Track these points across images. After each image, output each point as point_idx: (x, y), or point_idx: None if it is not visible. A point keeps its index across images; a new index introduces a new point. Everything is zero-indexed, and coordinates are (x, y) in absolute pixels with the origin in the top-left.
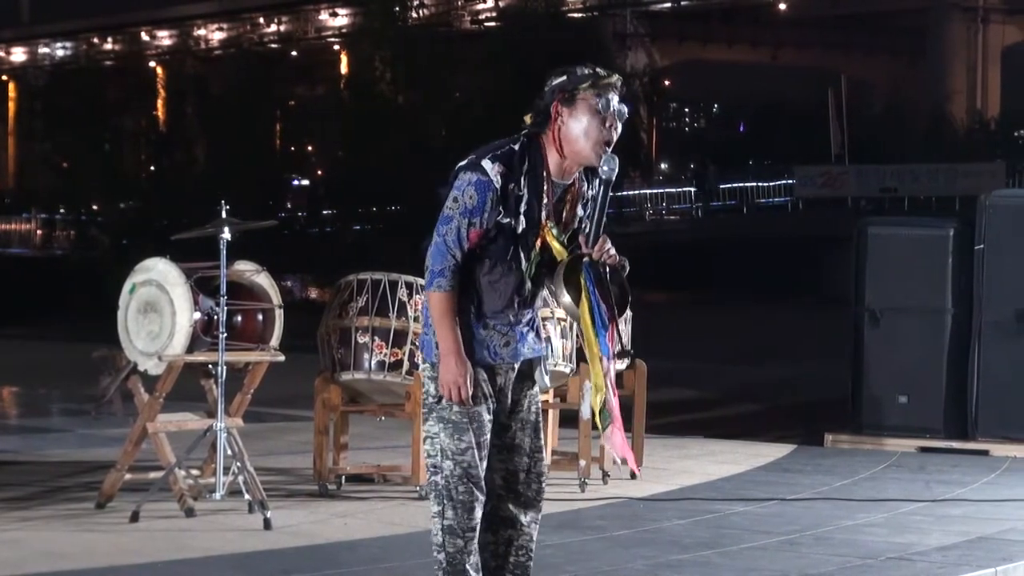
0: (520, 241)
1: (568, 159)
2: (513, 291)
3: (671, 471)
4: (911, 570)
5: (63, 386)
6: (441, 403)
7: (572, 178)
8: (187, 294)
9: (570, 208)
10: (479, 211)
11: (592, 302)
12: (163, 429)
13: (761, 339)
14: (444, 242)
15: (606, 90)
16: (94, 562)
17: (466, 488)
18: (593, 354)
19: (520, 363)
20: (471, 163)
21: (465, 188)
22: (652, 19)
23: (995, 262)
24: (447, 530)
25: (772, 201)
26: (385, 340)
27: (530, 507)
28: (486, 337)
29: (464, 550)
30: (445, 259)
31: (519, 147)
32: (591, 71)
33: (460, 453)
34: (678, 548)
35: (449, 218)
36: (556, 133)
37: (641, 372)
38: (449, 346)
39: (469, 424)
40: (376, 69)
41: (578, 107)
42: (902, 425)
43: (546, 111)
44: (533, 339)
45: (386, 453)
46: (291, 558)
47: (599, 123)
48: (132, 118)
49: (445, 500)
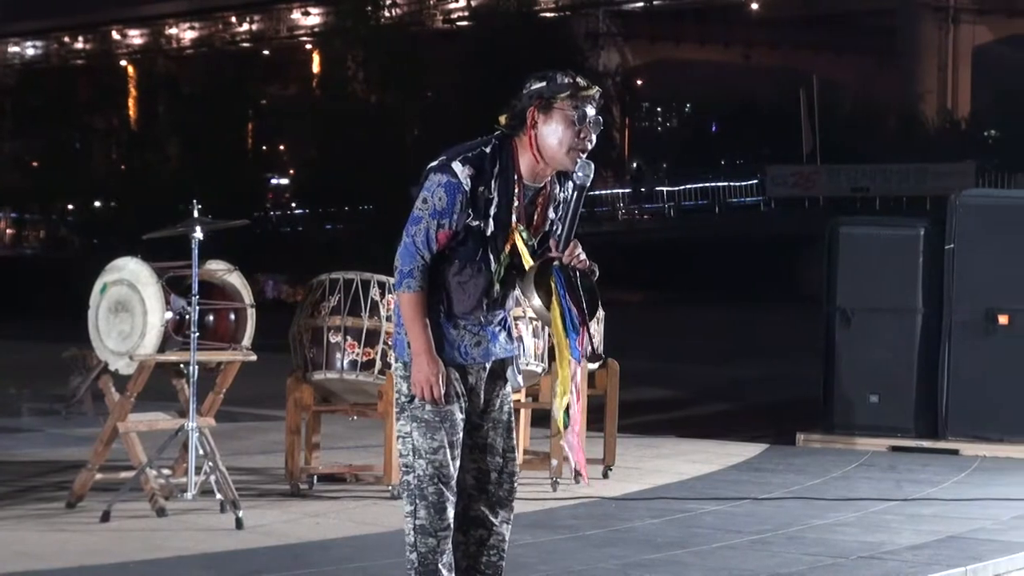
0: (489, 243)
1: (542, 164)
2: (482, 292)
3: (643, 470)
4: (882, 569)
5: (33, 386)
6: (414, 402)
7: (544, 181)
8: (158, 293)
9: (541, 211)
10: (448, 213)
11: (563, 306)
12: (134, 429)
13: (733, 339)
14: (413, 243)
15: (584, 102)
16: (65, 562)
17: (436, 488)
18: (563, 357)
19: (492, 363)
20: (441, 164)
21: (435, 190)
22: (624, 19)
23: (965, 262)
24: (419, 530)
25: (744, 201)
26: (357, 340)
27: (502, 507)
28: (457, 337)
29: (436, 549)
30: (414, 259)
31: (490, 149)
32: (571, 80)
33: (432, 452)
34: (650, 547)
35: (418, 219)
36: (531, 138)
37: (613, 371)
38: (420, 346)
39: (441, 423)
40: (348, 68)
41: (554, 116)
42: (873, 424)
43: (522, 115)
44: (505, 339)
45: (358, 453)
46: (263, 558)
47: (573, 133)
48: (103, 117)
49: (417, 500)
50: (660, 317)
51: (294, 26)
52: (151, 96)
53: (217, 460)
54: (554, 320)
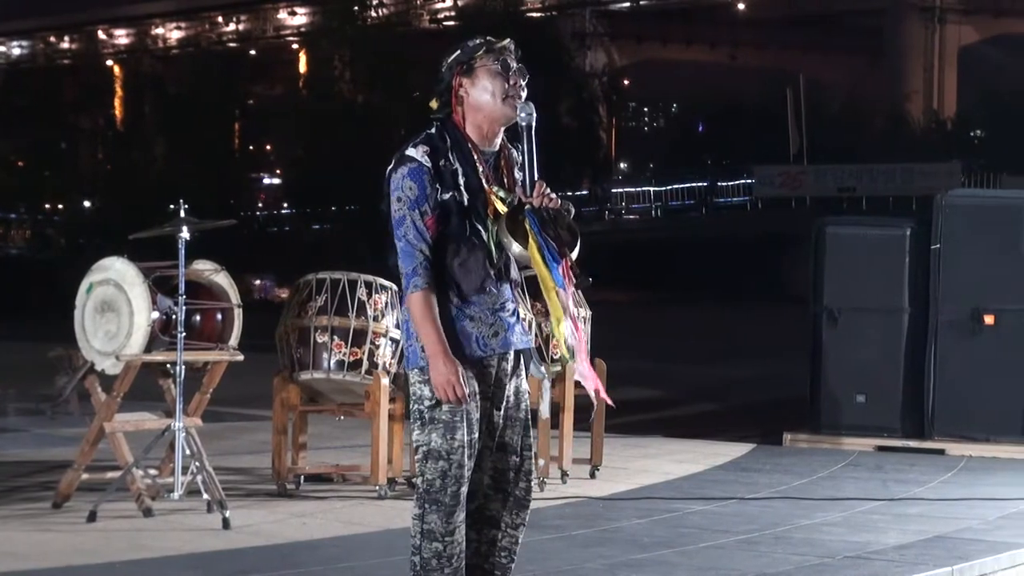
0: (471, 214)
1: (485, 124)
2: (483, 266)
3: (630, 470)
4: (868, 569)
5: (19, 385)
6: (438, 406)
7: (497, 143)
8: (145, 293)
9: (508, 173)
10: (423, 198)
11: (539, 242)
12: (120, 429)
13: (720, 338)
14: (407, 242)
15: (501, 53)
16: (51, 562)
17: (453, 490)
18: (548, 287)
19: (511, 355)
20: (396, 160)
21: (402, 183)
22: (611, 19)
23: (951, 261)
24: (426, 534)
25: (731, 201)
26: (344, 339)
27: (519, 508)
28: (472, 329)
29: (442, 555)
30: (414, 257)
31: (435, 129)
32: (482, 40)
33: (451, 452)
34: (637, 547)
35: (401, 218)
36: (465, 106)
37: (601, 371)
38: (435, 347)
39: (460, 423)
40: (335, 68)
41: (479, 74)
42: (860, 424)
43: (448, 88)
44: (521, 330)
45: (345, 453)
46: (250, 558)
47: (503, 81)
48: (89, 117)
49: (427, 504)
50: (647, 317)
51: (280, 26)
52: (137, 96)
53: (204, 460)
54: (532, 256)
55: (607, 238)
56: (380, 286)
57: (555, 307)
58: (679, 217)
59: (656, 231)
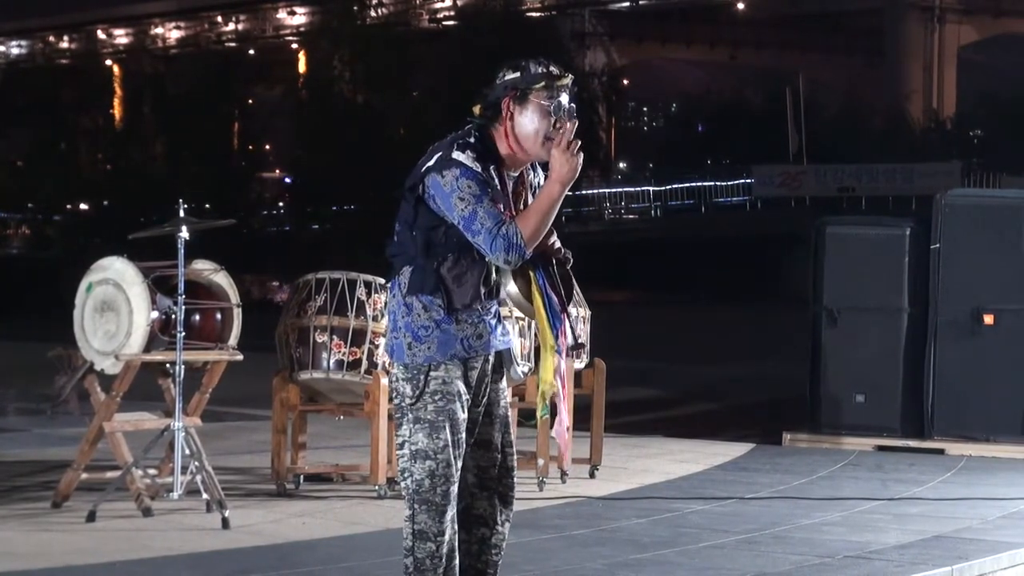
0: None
1: (521, 153)
2: (479, 281)
3: (630, 470)
4: (868, 568)
5: (19, 385)
6: (417, 404)
7: (520, 169)
8: (144, 293)
9: (525, 198)
10: (484, 193)
11: (544, 295)
12: (120, 428)
13: (720, 338)
14: (485, 229)
15: (558, 92)
16: (50, 562)
17: (442, 489)
18: (546, 344)
19: (492, 355)
20: (441, 161)
21: (457, 183)
22: (611, 18)
23: (951, 261)
24: (418, 535)
25: (730, 200)
26: (344, 339)
27: (504, 504)
28: (458, 332)
29: (435, 555)
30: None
31: (474, 138)
32: (545, 71)
33: (438, 451)
34: (636, 547)
35: (472, 213)
36: (507, 128)
37: (600, 371)
38: (549, 186)
39: (445, 422)
40: (335, 68)
41: (529, 106)
42: (859, 424)
43: (496, 105)
44: (502, 331)
45: (344, 452)
46: (249, 557)
47: (549, 124)
48: (89, 117)
49: (416, 504)
50: (647, 317)
51: (280, 26)
52: (137, 96)
53: (203, 460)
54: (537, 310)
55: (607, 238)
56: (380, 286)
57: (547, 369)
58: (678, 217)
59: (655, 231)
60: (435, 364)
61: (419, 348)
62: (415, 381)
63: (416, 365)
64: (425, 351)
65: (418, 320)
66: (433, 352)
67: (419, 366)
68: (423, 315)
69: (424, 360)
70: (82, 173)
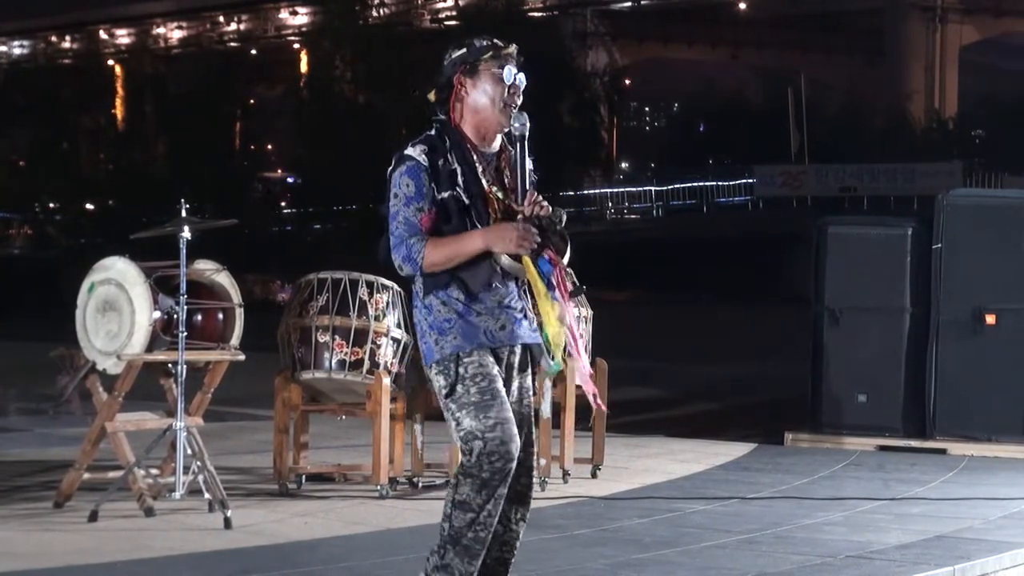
0: (472, 213)
1: (482, 127)
2: (489, 264)
3: (632, 470)
4: (870, 568)
5: (21, 385)
6: (455, 392)
7: (497, 144)
8: (146, 293)
9: (510, 174)
10: (419, 195)
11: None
12: (122, 428)
13: (721, 338)
14: (397, 235)
15: (507, 60)
16: (52, 562)
17: (490, 466)
18: (540, 294)
19: (519, 349)
20: (396, 160)
21: (400, 180)
22: (612, 18)
23: (952, 261)
24: (458, 504)
25: (732, 200)
26: (346, 339)
27: (521, 503)
28: (480, 322)
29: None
30: (404, 242)
31: (434, 131)
32: (490, 42)
33: (490, 430)
34: (638, 547)
35: (395, 214)
36: (465, 104)
37: (602, 371)
38: (477, 239)
39: (492, 401)
40: (336, 68)
41: (481, 77)
42: (861, 424)
43: (449, 83)
44: (529, 325)
45: (346, 452)
46: (251, 557)
47: (503, 90)
48: (90, 117)
49: (463, 477)
50: (648, 317)
51: (282, 26)
52: (139, 96)
53: (205, 460)
54: (526, 266)
55: (608, 238)
56: (382, 286)
57: (547, 314)
58: (680, 217)
59: (657, 231)
60: (465, 351)
61: (445, 340)
62: (447, 372)
63: (445, 357)
64: (452, 341)
65: (439, 316)
66: (460, 341)
67: (448, 357)
68: (443, 311)
69: (452, 350)
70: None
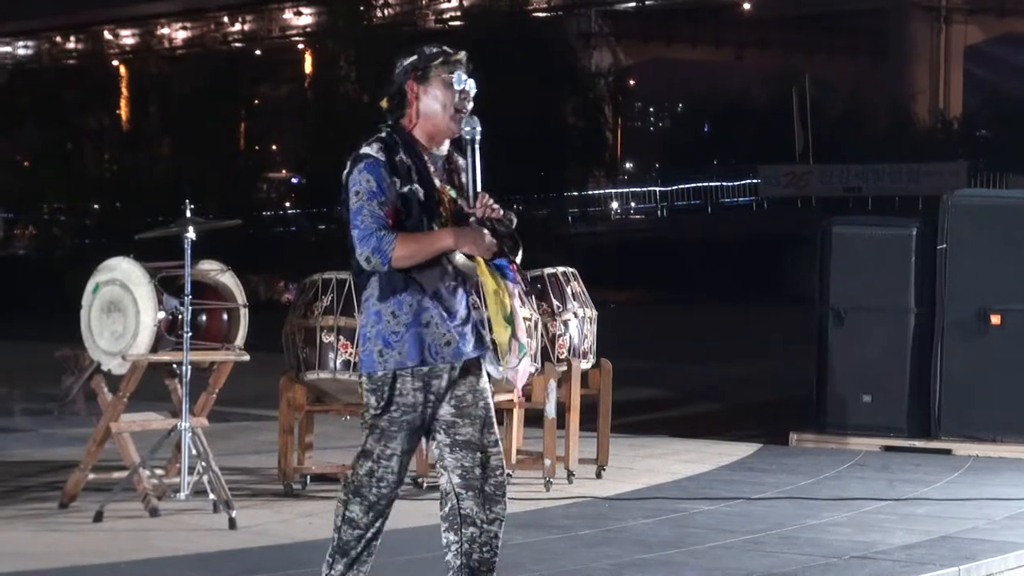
0: (429, 210)
1: (433, 132)
2: (441, 261)
3: (636, 470)
4: (875, 569)
5: (26, 385)
6: (382, 415)
7: (445, 148)
8: (151, 293)
9: (457, 176)
10: (380, 189)
11: None
12: (127, 429)
13: (726, 338)
14: (364, 227)
15: (456, 66)
16: (57, 562)
17: (378, 491)
18: (489, 291)
19: (459, 364)
20: (352, 161)
21: (358, 178)
22: (617, 19)
23: (957, 261)
24: (347, 520)
25: (736, 201)
26: (350, 339)
27: (492, 503)
28: (427, 336)
29: (363, 538)
30: (371, 234)
31: (386, 132)
32: (440, 49)
33: (387, 459)
34: (643, 547)
35: (359, 209)
36: (415, 110)
37: (606, 371)
38: (443, 239)
39: (398, 433)
40: (341, 68)
41: (432, 83)
42: (866, 424)
43: (400, 90)
44: (476, 340)
45: (351, 452)
46: (256, 558)
47: (452, 96)
48: (95, 117)
49: (352, 495)
50: (652, 317)
51: (286, 26)
52: (143, 96)
53: (210, 460)
54: (479, 264)
55: (613, 238)
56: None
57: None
58: (685, 217)
59: (662, 231)
60: (400, 373)
61: (389, 354)
62: (380, 393)
63: (380, 377)
64: (396, 357)
65: (388, 327)
66: (403, 358)
67: (383, 378)
68: (392, 321)
69: (394, 365)
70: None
